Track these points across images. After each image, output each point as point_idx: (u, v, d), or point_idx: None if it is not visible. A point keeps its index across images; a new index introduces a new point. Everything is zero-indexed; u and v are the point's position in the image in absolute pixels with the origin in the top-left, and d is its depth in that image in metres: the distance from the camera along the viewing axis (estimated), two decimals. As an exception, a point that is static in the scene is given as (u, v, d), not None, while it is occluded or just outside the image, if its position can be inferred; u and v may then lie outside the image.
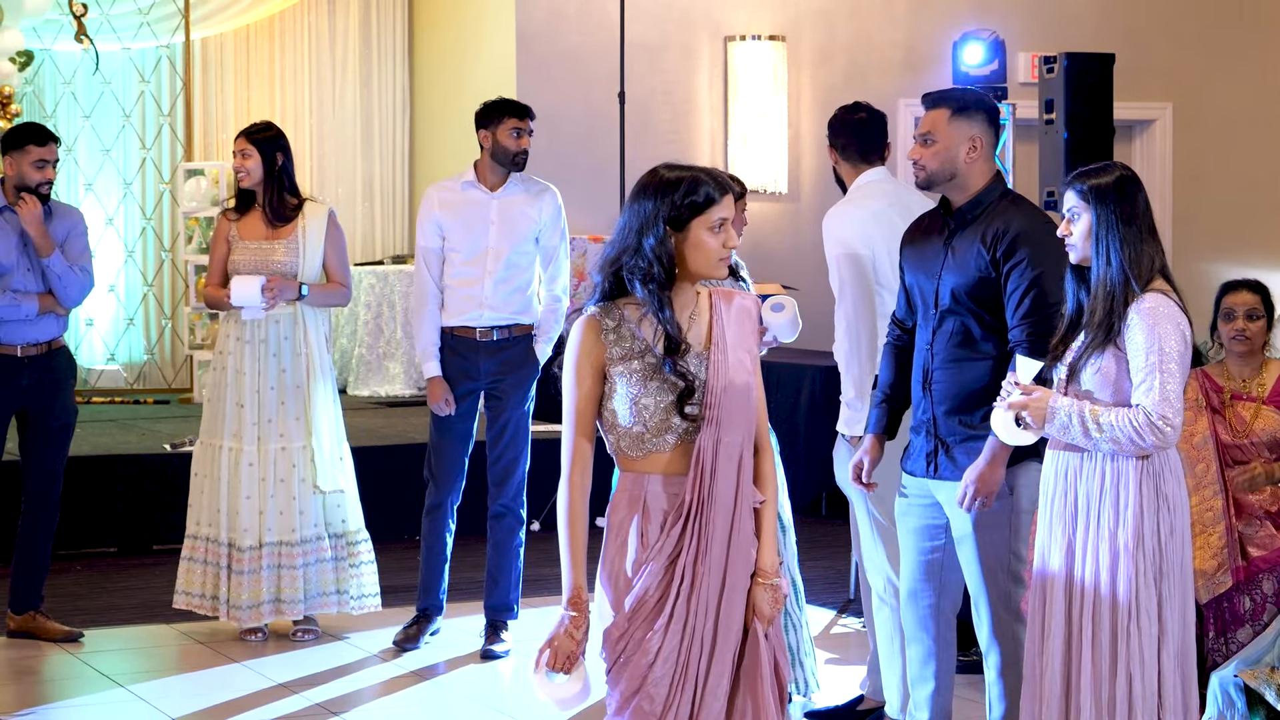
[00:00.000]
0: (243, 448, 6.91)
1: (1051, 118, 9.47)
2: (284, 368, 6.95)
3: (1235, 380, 6.14)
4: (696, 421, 3.76)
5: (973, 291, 4.91)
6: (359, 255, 12.84)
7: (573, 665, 3.76)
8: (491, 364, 6.90)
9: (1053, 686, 4.44)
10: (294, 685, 6.42)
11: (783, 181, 12.03)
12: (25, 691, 6.47)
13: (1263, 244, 13.15)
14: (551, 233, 6.97)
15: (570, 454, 3.82)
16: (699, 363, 3.79)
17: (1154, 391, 4.25)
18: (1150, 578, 4.35)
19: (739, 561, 3.79)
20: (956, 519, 5.00)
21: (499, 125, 6.88)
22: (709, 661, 3.76)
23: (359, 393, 11.82)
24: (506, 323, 6.91)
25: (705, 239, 3.78)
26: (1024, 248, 4.83)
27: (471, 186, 6.94)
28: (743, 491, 3.80)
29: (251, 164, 6.97)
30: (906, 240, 5.18)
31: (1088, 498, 4.40)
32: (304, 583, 6.94)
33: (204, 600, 6.99)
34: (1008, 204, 4.98)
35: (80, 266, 7.00)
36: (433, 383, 6.91)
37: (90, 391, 12.20)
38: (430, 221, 6.95)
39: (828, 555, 8.60)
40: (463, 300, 6.89)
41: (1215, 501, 5.99)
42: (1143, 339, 4.28)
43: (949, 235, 5.00)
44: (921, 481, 5.08)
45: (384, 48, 13.11)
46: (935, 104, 5.03)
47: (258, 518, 6.90)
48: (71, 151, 12.42)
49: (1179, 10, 12.96)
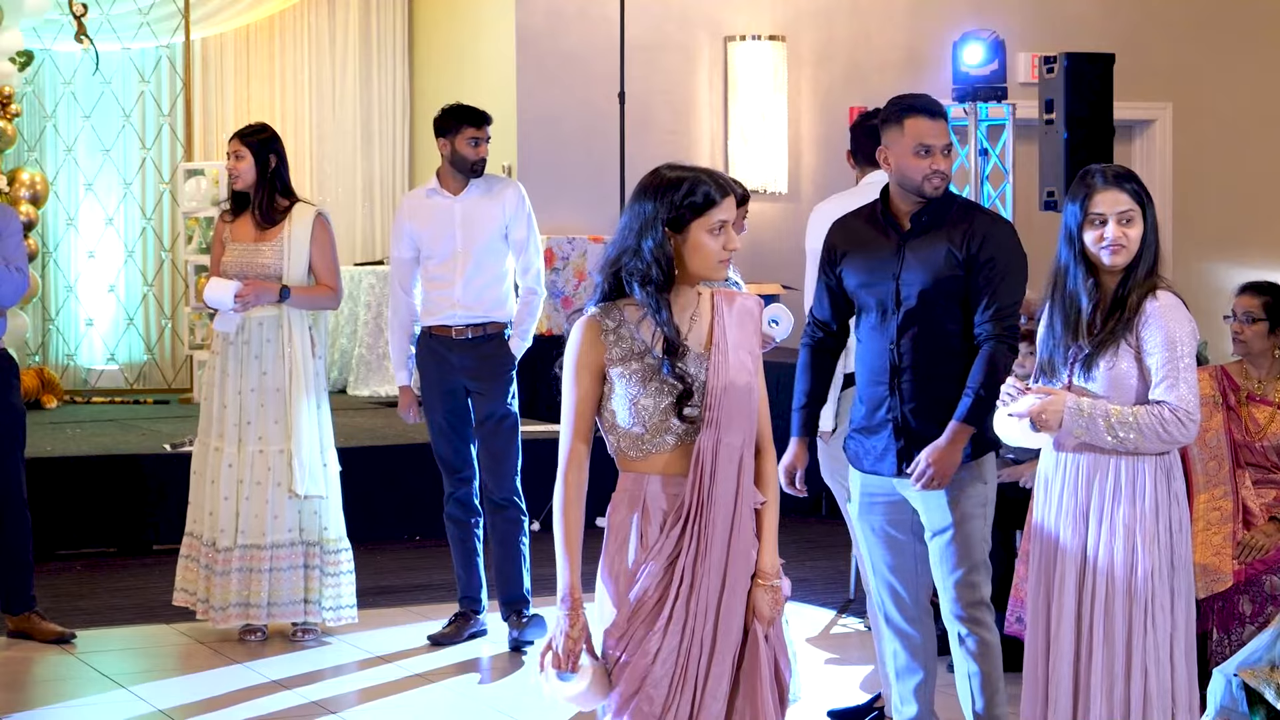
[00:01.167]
0: (224, 448, 6.92)
1: (1051, 118, 9.47)
2: (265, 370, 6.92)
3: (1253, 381, 6.17)
4: (695, 423, 3.76)
5: (943, 291, 4.96)
6: (359, 255, 12.85)
7: (575, 662, 3.76)
8: (467, 360, 6.96)
9: (1062, 686, 4.43)
10: (293, 685, 6.42)
11: (783, 181, 12.03)
12: (24, 692, 6.47)
13: (1263, 244, 13.15)
14: (518, 225, 7.02)
15: (566, 453, 3.82)
16: (699, 364, 3.79)
17: (1178, 386, 4.31)
18: (1165, 574, 4.38)
19: (739, 563, 3.79)
20: (933, 514, 5.01)
21: (457, 135, 6.98)
22: (709, 663, 3.76)
23: (359, 393, 11.82)
24: (480, 320, 6.98)
25: (705, 241, 3.77)
26: (991, 249, 4.94)
27: (435, 193, 7.05)
28: (743, 493, 3.79)
29: (244, 166, 6.96)
30: (841, 244, 5.17)
31: (1102, 496, 4.41)
32: (268, 588, 6.88)
33: (193, 598, 7.00)
34: (963, 206, 5.10)
35: (15, 266, 6.82)
36: (402, 391, 7.11)
37: (90, 391, 12.20)
38: (402, 232, 7.07)
39: (827, 555, 8.60)
40: (438, 301, 7.00)
41: (1225, 503, 6.00)
42: (1162, 336, 4.33)
43: (903, 239, 5.03)
44: (885, 481, 5.09)
45: (384, 48, 13.11)
46: (943, 115, 5.09)
47: (233, 519, 6.90)
48: (71, 151, 12.43)
49: (1179, 10, 12.95)
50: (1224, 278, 12.49)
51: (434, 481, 9.24)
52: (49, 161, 12.35)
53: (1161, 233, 4.52)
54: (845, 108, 11.06)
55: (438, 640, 6.99)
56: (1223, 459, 6.05)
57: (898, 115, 5.03)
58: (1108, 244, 4.36)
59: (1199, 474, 6.04)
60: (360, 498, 7.43)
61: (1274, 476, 6.12)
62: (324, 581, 6.97)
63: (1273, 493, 6.08)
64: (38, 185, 11.71)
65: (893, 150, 5.02)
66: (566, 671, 3.75)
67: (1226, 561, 5.91)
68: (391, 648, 6.97)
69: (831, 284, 5.19)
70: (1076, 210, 4.39)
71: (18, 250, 6.89)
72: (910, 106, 5.04)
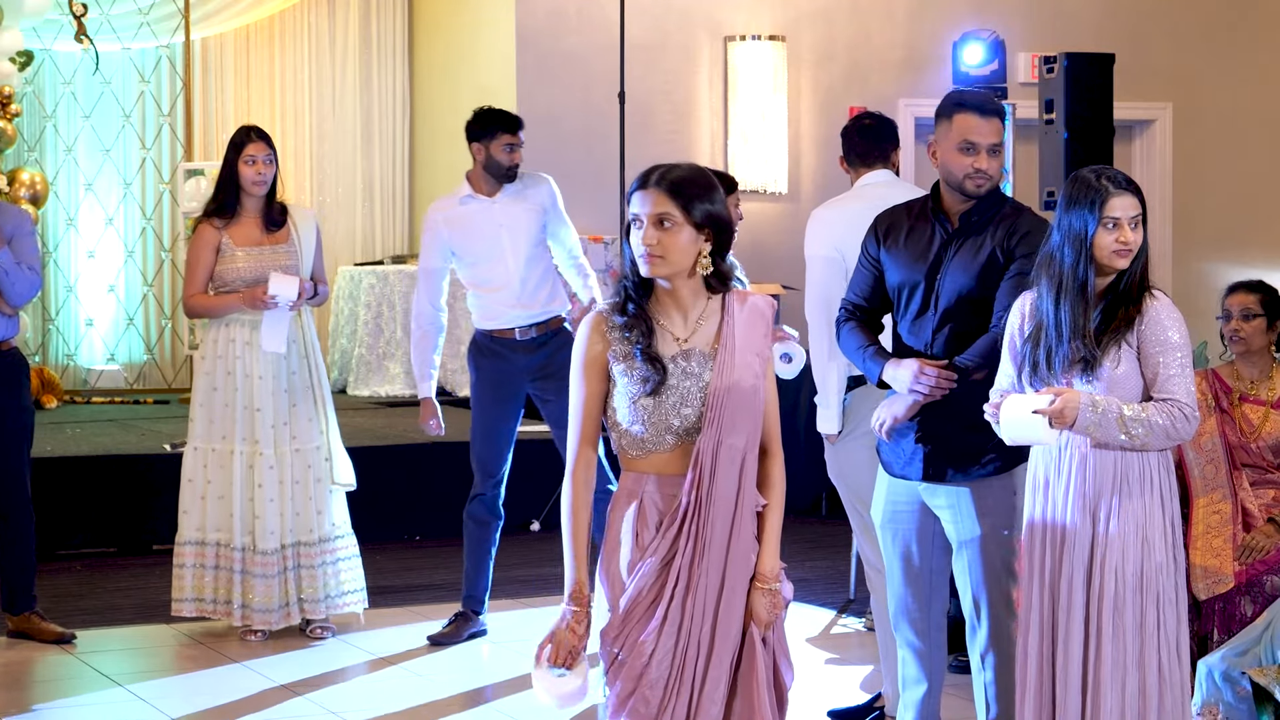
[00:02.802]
0: (263, 450, 6.91)
1: (1051, 118, 9.47)
2: (293, 369, 6.97)
3: (1245, 382, 6.17)
4: (696, 423, 3.75)
5: (980, 294, 4.91)
6: (359, 255, 12.85)
7: (574, 660, 3.76)
8: (534, 360, 6.97)
9: (1071, 685, 4.43)
10: (294, 685, 6.42)
11: (782, 181, 12.02)
12: (25, 691, 6.47)
13: (1263, 244, 13.14)
14: (556, 215, 7.09)
15: (575, 450, 3.83)
16: (704, 364, 3.78)
17: (1185, 384, 4.40)
18: (1172, 568, 4.45)
19: (738, 565, 3.77)
20: (962, 523, 4.96)
21: (492, 140, 6.97)
22: (706, 665, 3.74)
23: (359, 393, 11.82)
24: (542, 318, 7.01)
25: (633, 237, 3.79)
26: (1028, 246, 4.84)
27: (471, 199, 7.02)
28: (744, 495, 3.78)
29: (271, 171, 6.94)
30: (885, 236, 5.11)
31: (1116, 493, 4.41)
32: (322, 582, 6.99)
33: (210, 605, 7.02)
34: (1013, 208, 5.03)
35: (29, 265, 6.83)
36: (425, 403, 7.06)
37: (90, 391, 12.20)
38: (437, 243, 6.99)
39: (828, 555, 8.60)
40: (494, 305, 7.00)
41: (1224, 505, 5.99)
42: (1165, 335, 4.41)
43: (948, 238, 4.99)
44: (913, 490, 5.05)
45: (384, 48, 13.10)
46: (996, 113, 5.01)
47: (278, 520, 6.94)
48: (71, 151, 12.42)
49: (1179, 10, 12.95)
50: (1224, 278, 12.43)
51: (434, 482, 9.27)
52: (49, 161, 12.35)
53: (1161, 233, 4.57)
54: (845, 108, 11.06)
55: (437, 640, 6.99)
56: (1219, 462, 6.05)
57: (949, 110, 4.98)
58: (1125, 247, 4.41)
59: (1196, 478, 6.05)
60: (360, 498, 7.42)
61: (1271, 476, 6.12)
62: (327, 571, 7.05)
63: (1271, 493, 6.08)
64: (38, 185, 11.70)
65: (940, 145, 4.98)
66: (562, 667, 3.75)
67: (1228, 563, 5.91)
68: (391, 648, 6.97)
69: (873, 272, 5.13)
70: (1089, 215, 4.41)
71: (31, 251, 6.90)
72: (960, 102, 4.99)
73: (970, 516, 4.93)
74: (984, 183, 4.94)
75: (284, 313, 6.84)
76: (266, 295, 6.77)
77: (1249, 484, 6.08)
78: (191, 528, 7.02)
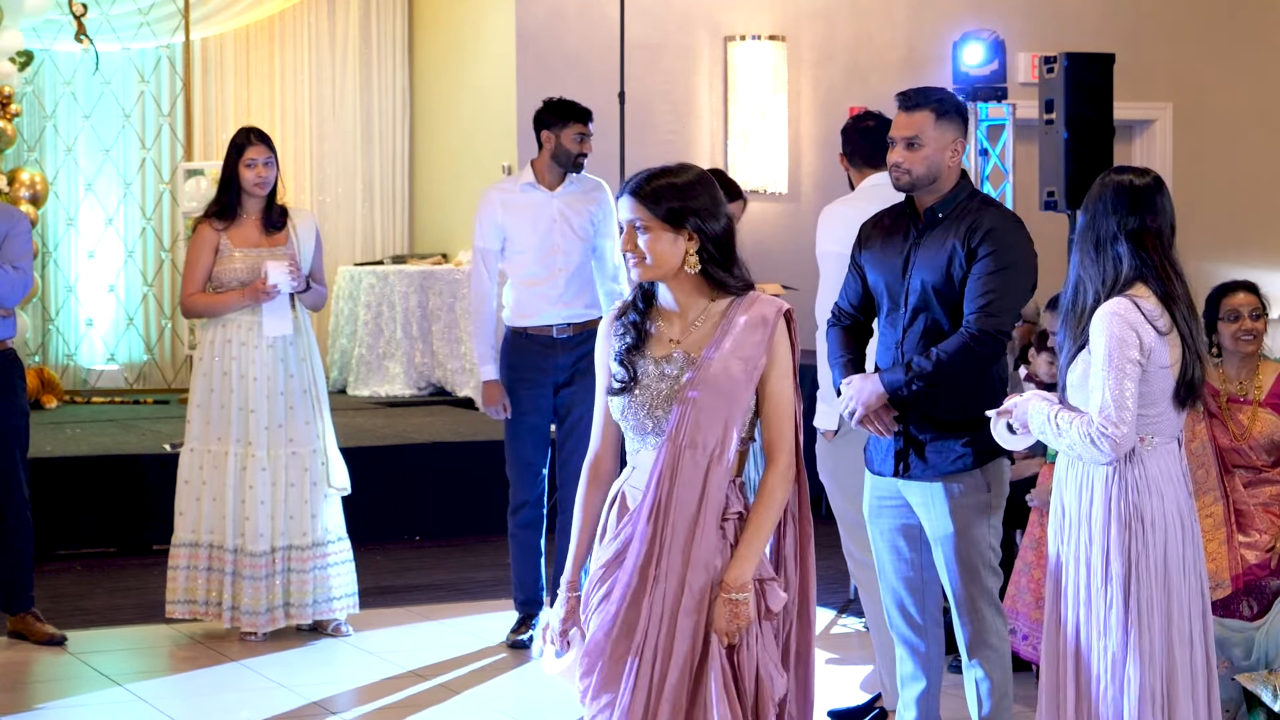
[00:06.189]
0: (255, 453, 6.90)
1: (1051, 118, 9.46)
2: (291, 373, 6.96)
3: (1232, 383, 6.15)
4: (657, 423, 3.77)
5: (945, 288, 4.91)
6: (359, 255, 12.85)
7: (567, 641, 3.87)
8: (568, 359, 6.92)
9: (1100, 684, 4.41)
10: (293, 685, 6.42)
11: (783, 181, 12.02)
12: (24, 691, 6.47)
13: (1263, 244, 13.14)
14: (605, 226, 6.99)
15: (591, 446, 3.93)
16: (682, 367, 3.77)
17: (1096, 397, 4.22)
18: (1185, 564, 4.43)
19: (699, 571, 3.72)
20: (934, 520, 4.97)
21: (564, 129, 6.94)
22: (664, 669, 3.71)
23: (359, 393, 11.82)
24: (581, 319, 6.94)
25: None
26: (992, 243, 4.85)
27: (531, 188, 6.97)
28: (708, 500, 3.73)
29: (272, 174, 6.94)
30: (865, 239, 5.16)
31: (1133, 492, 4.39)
32: (313, 586, 6.97)
33: (202, 607, 7.02)
34: (980, 203, 5.00)
35: (16, 265, 6.80)
36: (489, 386, 6.93)
37: (90, 391, 12.20)
38: (491, 224, 6.94)
39: (828, 555, 8.56)
40: (535, 299, 6.93)
41: (1216, 508, 5.99)
42: (1092, 341, 4.28)
43: (918, 235, 5.00)
44: (890, 482, 5.06)
45: (384, 48, 13.10)
46: (917, 105, 4.98)
47: (269, 522, 6.93)
48: (71, 151, 12.42)
49: (1179, 10, 12.95)
50: (1224, 278, 12.39)
51: (434, 482, 9.27)
52: (49, 161, 12.35)
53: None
54: (845, 108, 11.04)
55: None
56: (1209, 466, 6.03)
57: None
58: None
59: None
60: (360, 498, 7.42)
61: (1266, 475, 6.11)
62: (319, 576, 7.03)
63: (1268, 490, 6.07)
64: (38, 185, 11.70)
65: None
66: (560, 649, 3.88)
67: (1224, 568, 5.90)
68: (391, 648, 6.96)
69: (858, 277, 5.16)
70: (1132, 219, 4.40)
71: (22, 250, 6.87)
72: (898, 97, 5.05)
73: (943, 513, 4.94)
74: (901, 176, 4.96)
75: (282, 297, 6.86)
76: (267, 285, 6.79)
77: (1243, 485, 6.07)
78: (186, 529, 7.02)
